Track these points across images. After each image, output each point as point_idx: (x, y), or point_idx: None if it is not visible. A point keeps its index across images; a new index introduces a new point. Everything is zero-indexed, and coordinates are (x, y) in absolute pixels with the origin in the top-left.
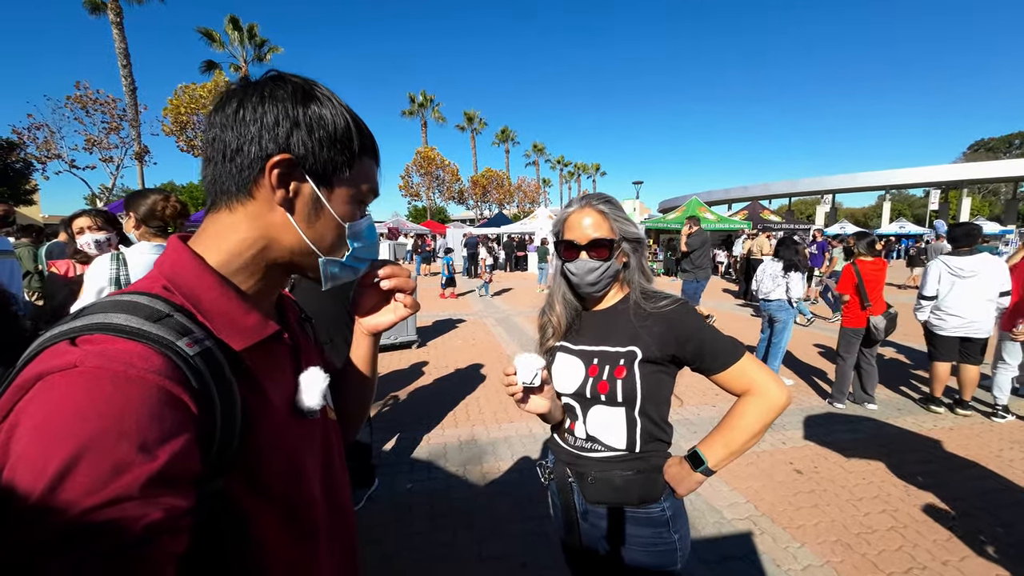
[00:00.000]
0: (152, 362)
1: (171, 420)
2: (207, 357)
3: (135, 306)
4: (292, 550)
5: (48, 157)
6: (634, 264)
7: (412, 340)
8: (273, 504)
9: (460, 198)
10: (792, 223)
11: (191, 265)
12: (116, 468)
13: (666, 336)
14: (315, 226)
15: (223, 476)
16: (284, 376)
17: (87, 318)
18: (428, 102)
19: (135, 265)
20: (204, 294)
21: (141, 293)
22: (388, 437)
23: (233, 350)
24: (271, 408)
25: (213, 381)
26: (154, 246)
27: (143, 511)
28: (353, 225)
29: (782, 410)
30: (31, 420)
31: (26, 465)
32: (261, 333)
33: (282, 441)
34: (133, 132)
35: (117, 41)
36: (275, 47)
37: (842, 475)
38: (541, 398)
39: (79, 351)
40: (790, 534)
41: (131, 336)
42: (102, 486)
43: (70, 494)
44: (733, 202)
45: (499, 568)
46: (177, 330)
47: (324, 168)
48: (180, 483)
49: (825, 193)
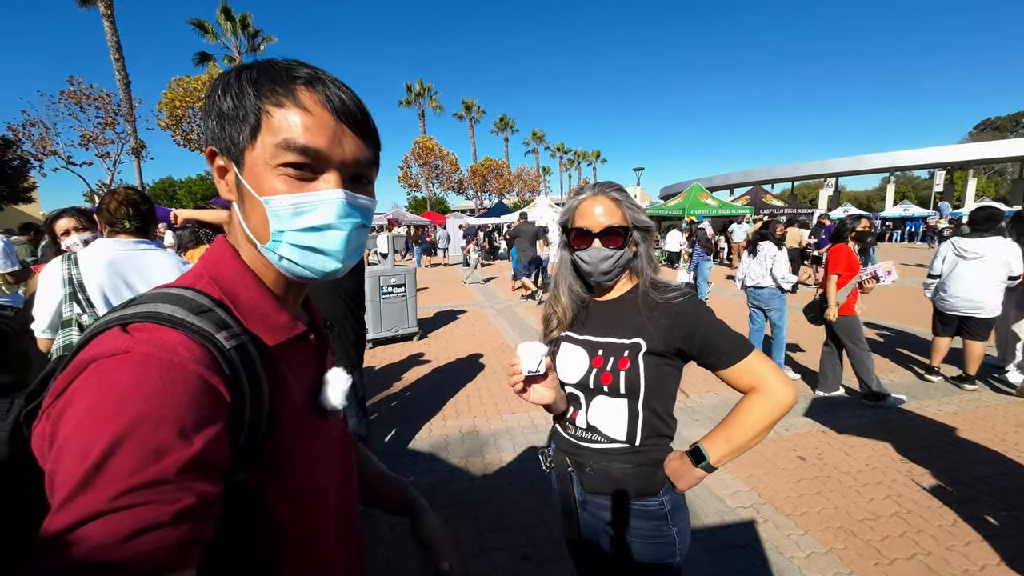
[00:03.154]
0: (194, 352)
1: (208, 409)
2: (242, 351)
3: (181, 298)
4: (307, 544)
5: (45, 154)
6: (644, 253)
7: (413, 332)
8: (292, 499)
9: (460, 188)
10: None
11: (232, 263)
12: (156, 451)
13: (672, 329)
14: (251, 215)
15: (247, 468)
16: (309, 375)
17: (138, 307)
18: (425, 91)
19: (89, 262)
20: (242, 291)
21: (187, 287)
22: (389, 429)
23: (265, 345)
24: (295, 405)
25: (245, 375)
26: (119, 242)
27: (177, 495)
28: (272, 200)
29: (788, 409)
30: (82, 401)
31: (75, 444)
32: (290, 332)
33: (303, 438)
34: (128, 127)
35: (109, 34)
36: (269, 37)
37: (846, 461)
38: (545, 387)
39: (129, 338)
40: (793, 521)
41: (176, 326)
42: (142, 467)
43: (113, 473)
44: (735, 187)
45: (502, 559)
46: (217, 323)
47: (231, 145)
48: (212, 471)
49: (828, 176)
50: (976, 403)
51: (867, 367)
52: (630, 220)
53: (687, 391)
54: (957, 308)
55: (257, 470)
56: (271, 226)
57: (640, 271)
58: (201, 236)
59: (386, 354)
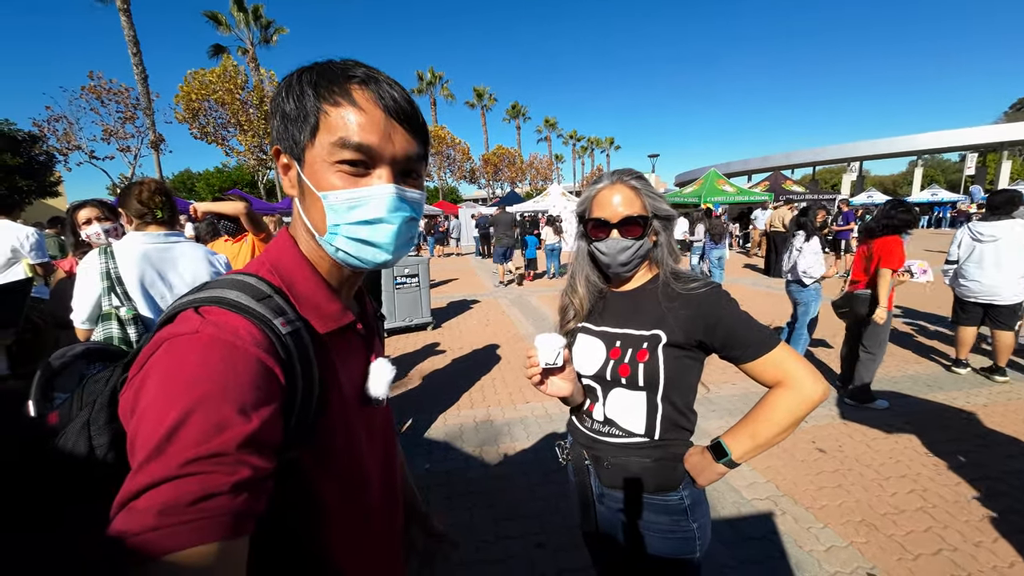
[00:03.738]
0: (254, 336)
1: (265, 389)
2: (296, 337)
3: (246, 285)
4: (350, 524)
5: (69, 148)
6: (664, 242)
7: (427, 322)
8: (336, 480)
9: (471, 177)
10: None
11: (291, 254)
12: (219, 426)
13: (693, 320)
14: (311, 210)
15: (297, 448)
16: (356, 363)
17: (209, 291)
18: (437, 80)
19: (124, 256)
20: (298, 281)
21: (251, 275)
22: (405, 418)
23: (317, 332)
24: (343, 391)
25: (298, 359)
26: (148, 235)
27: (235, 468)
28: (329, 195)
29: (816, 404)
30: (157, 375)
31: (150, 415)
32: (340, 321)
33: (349, 423)
34: (147, 120)
35: (126, 29)
36: (281, 28)
37: (868, 454)
38: (562, 379)
39: (199, 320)
40: (813, 514)
41: (240, 311)
42: (207, 440)
43: (182, 443)
44: (753, 173)
45: (516, 547)
46: (275, 310)
47: (294, 145)
48: (266, 448)
49: (852, 160)
50: (1007, 395)
51: (873, 369)
52: (650, 209)
53: (707, 383)
54: (975, 294)
55: (306, 450)
56: (328, 219)
57: (660, 261)
58: (219, 228)
59: (400, 344)
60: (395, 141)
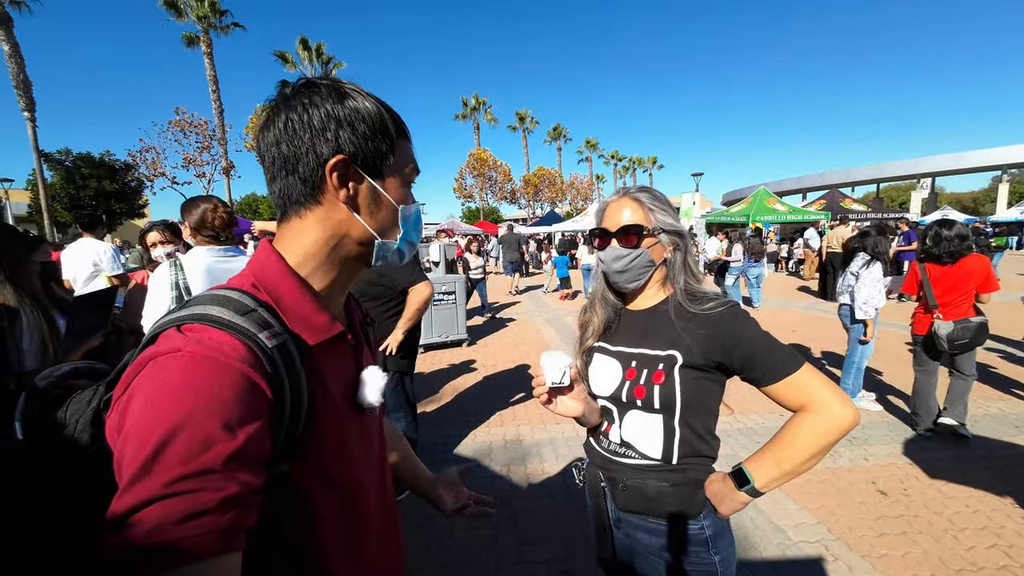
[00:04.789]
0: (239, 351)
1: (250, 404)
2: (282, 350)
3: (228, 300)
4: (346, 535)
5: (155, 175)
6: (677, 261)
7: (462, 339)
8: (331, 490)
9: (512, 198)
10: (880, 212)
11: (276, 267)
12: (205, 443)
13: (711, 341)
14: (376, 216)
15: (288, 460)
16: (346, 373)
17: (191, 309)
18: (480, 105)
19: (191, 268)
20: (285, 293)
21: (234, 289)
22: (436, 433)
23: (306, 344)
24: (333, 401)
25: (286, 372)
26: (211, 250)
27: (223, 484)
28: (405, 209)
29: (846, 432)
30: (142, 395)
31: (136, 435)
32: (329, 332)
33: (342, 433)
34: (221, 149)
35: (208, 70)
36: (339, 63)
37: (939, 500)
38: (572, 399)
39: (182, 338)
40: (871, 563)
41: (223, 327)
42: (193, 457)
43: (168, 462)
44: (807, 191)
45: (540, 572)
46: (260, 324)
47: (373, 159)
48: (254, 462)
49: (922, 176)
50: None
51: (966, 398)
52: (653, 221)
53: (732, 407)
54: None
55: (297, 462)
56: (401, 225)
57: (674, 280)
58: None
59: (436, 359)
60: None
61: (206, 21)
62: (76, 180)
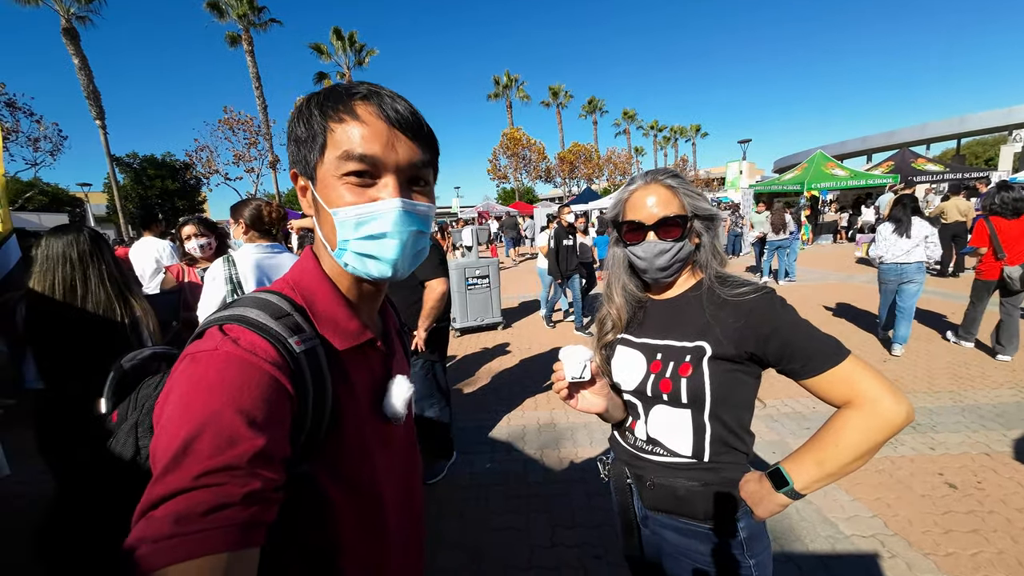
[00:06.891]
0: (270, 354)
1: (276, 405)
2: (310, 355)
3: (267, 304)
4: (363, 537)
5: (210, 173)
6: (707, 245)
7: (497, 322)
8: (349, 493)
9: (547, 176)
10: (961, 171)
11: (313, 273)
12: (231, 439)
13: (743, 331)
14: (322, 223)
15: (309, 461)
16: (375, 380)
17: (234, 309)
18: (512, 82)
19: (242, 265)
20: (318, 299)
21: (274, 293)
22: (470, 416)
23: (335, 349)
24: (359, 407)
25: (311, 377)
26: (259, 247)
27: (247, 480)
28: (337, 212)
29: (898, 429)
30: (178, 389)
31: (169, 428)
32: (358, 339)
33: (364, 439)
34: (267, 144)
35: (250, 67)
36: (372, 50)
37: (1020, 495)
38: (593, 394)
39: (221, 337)
40: (934, 562)
41: (257, 330)
42: (220, 452)
43: (196, 456)
44: (874, 152)
45: (571, 556)
46: (291, 328)
47: (306, 164)
48: (276, 460)
49: (1015, 128)
50: None
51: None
52: (689, 208)
53: (763, 400)
54: None
55: (318, 462)
56: (338, 235)
57: (704, 264)
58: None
59: (471, 343)
60: (399, 150)
61: (246, 19)
62: (143, 181)
